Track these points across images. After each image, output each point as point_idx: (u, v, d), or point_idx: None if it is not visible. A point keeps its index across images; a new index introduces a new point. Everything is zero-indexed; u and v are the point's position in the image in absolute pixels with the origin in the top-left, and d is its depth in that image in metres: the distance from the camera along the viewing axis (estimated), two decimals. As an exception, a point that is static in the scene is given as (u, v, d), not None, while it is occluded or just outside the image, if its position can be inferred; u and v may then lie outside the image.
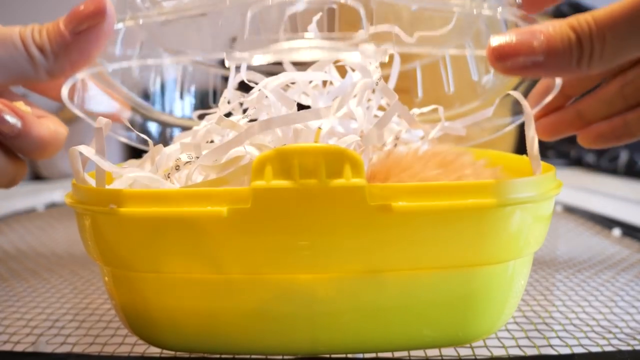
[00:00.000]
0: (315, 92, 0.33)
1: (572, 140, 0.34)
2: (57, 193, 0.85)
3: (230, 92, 0.32)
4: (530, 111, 0.26)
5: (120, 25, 0.29)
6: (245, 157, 0.26)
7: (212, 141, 0.31)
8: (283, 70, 0.33)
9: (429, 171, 0.24)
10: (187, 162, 0.27)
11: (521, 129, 0.26)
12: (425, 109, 0.34)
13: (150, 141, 0.29)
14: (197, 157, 0.27)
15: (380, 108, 0.33)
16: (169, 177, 0.27)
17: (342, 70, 0.34)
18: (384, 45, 0.30)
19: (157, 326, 0.25)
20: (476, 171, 0.26)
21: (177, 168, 0.27)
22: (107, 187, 0.26)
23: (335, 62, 0.32)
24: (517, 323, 0.32)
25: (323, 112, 0.26)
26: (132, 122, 0.36)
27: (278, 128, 0.27)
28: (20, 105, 0.25)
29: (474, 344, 0.28)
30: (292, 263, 0.22)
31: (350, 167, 0.21)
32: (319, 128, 0.30)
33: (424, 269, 0.23)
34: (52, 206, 0.75)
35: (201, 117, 0.36)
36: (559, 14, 1.10)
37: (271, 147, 0.26)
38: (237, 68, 0.33)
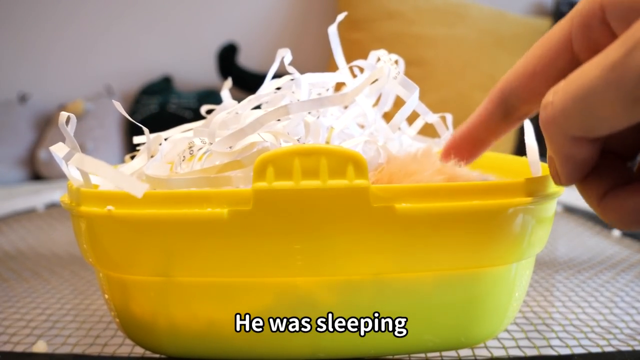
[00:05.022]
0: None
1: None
2: (57, 193, 0.85)
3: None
4: (528, 120, 0.26)
5: None
6: (260, 143, 0.25)
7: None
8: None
9: (431, 177, 0.24)
10: (200, 148, 0.27)
11: (520, 132, 0.27)
12: (436, 115, 0.33)
13: (146, 130, 0.28)
14: (211, 144, 0.26)
15: (386, 115, 0.33)
16: (183, 160, 0.26)
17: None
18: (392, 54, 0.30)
19: (154, 331, 0.25)
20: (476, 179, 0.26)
21: (191, 152, 0.26)
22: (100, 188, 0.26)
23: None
24: (517, 324, 0.32)
25: (340, 99, 0.25)
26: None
27: (293, 115, 0.26)
28: None
29: (474, 345, 0.28)
30: (294, 266, 0.22)
31: (354, 167, 0.21)
32: (332, 127, 0.29)
33: (427, 272, 0.23)
34: (52, 206, 0.75)
35: (208, 112, 0.35)
36: (559, 14, 1.10)
37: (286, 134, 0.26)
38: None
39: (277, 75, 0.31)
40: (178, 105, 1.21)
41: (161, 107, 1.22)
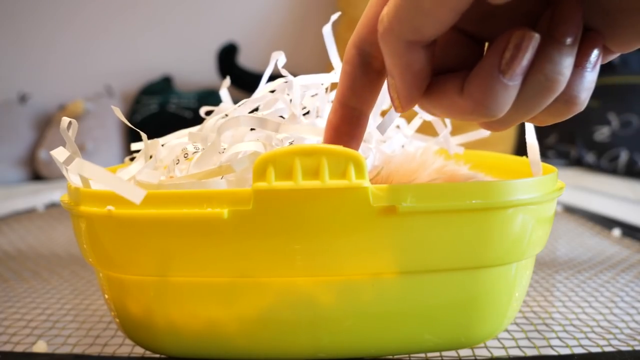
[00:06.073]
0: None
1: (572, 140, 0.33)
2: (57, 193, 0.85)
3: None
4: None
5: None
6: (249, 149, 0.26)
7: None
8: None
9: (430, 177, 0.24)
10: (195, 152, 0.27)
11: (521, 131, 0.27)
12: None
13: (144, 136, 0.28)
14: (204, 149, 0.26)
15: (383, 113, 0.33)
16: (177, 163, 0.27)
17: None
18: None
19: (154, 331, 0.25)
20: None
21: (186, 156, 0.27)
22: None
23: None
24: (517, 324, 0.32)
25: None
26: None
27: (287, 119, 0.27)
28: None
29: (474, 345, 0.28)
30: (294, 266, 0.22)
31: (354, 167, 0.21)
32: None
33: (426, 272, 0.23)
34: (52, 206, 0.75)
35: (207, 113, 0.35)
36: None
37: (280, 140, 0.26)
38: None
39: (275, 76, 0.32)
40: (178, 105, 1.21)
41: (161, 107, 1.22)
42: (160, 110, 1.21)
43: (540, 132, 1.11)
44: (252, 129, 0.28)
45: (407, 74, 0.18)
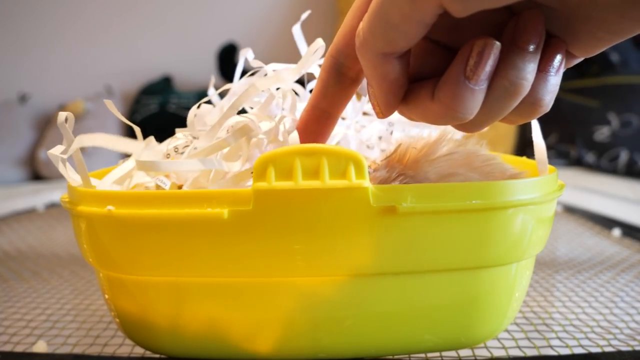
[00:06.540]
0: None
1: (572, 140, 0.33)
2: (57, 193, 0.85)
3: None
4: (535, 120, 0.26)
5: None
6: (240, 122, 0.26)
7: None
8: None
9: (448, 152, 0.24)
10: (186, 146, 0.27)
11: (521, 131, 0.27)
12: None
13: (137, 129, 0.28)
14: (194, 138, 0.27)
15: None
16: (168, 157, 0.27)
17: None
18: None
19: (154, 331, 0.25)
20: (504, 175, 0.25)
21: (176, 150, 0.27)
22: (99, 185, 0.26)
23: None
24: (517, 324, 0.32)
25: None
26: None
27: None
28: None
29: (474, 345, 0.28)
30: (294, 266, 0.22)
31: (354, 167, 0.21)
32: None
33: (427, 271, 0.23)
34: (52, 206, 0.75)
35: None
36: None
37: (263, 115, 0.27)
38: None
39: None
40: (178, 105, 1.21)
41: (161, 107, 1.22)
42: (160, 110, 1.21)
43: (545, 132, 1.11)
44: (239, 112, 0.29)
45: (383, 83, 0.19)
